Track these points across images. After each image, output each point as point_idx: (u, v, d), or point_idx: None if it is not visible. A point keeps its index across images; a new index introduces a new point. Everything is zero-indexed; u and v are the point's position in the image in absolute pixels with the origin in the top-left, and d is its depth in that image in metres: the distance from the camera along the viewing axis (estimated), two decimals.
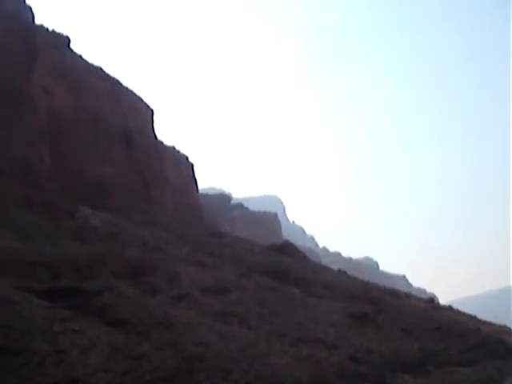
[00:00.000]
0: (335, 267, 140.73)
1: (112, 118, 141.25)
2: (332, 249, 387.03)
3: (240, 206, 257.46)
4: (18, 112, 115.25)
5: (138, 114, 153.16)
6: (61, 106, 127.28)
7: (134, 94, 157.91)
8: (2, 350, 41.10)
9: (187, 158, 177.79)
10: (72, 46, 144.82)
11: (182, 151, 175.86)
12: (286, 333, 50.91)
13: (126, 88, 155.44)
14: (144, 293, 63.94)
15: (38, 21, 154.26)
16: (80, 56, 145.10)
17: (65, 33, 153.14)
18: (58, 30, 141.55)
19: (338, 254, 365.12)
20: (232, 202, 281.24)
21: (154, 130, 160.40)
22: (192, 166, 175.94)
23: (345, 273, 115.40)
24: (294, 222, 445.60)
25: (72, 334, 44.08)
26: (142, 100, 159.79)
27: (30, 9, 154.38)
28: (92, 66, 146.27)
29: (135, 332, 50.66)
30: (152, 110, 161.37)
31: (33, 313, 47.73)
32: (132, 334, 49.79)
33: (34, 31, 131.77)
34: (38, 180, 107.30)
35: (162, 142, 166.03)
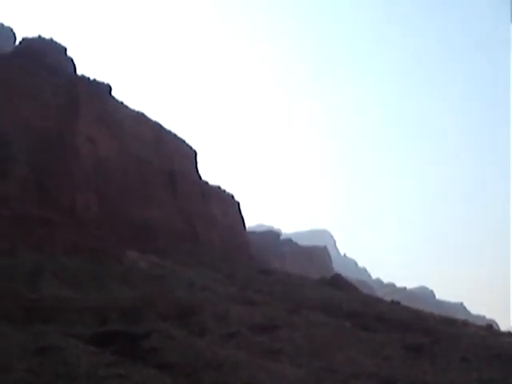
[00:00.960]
0: (389, 298, 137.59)
1: (156, 161, 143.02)
2: (386, 279, 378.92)
3: (289, 241, 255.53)
4: (64, 161, 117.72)
5: (182, 156, 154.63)
6: (105, 152, 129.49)
7: (177, 137, 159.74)
8: None
9: (233, 196, 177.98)
10: (113, 93, 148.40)
11: (228, 190, 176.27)
12: (337, 369, 49.22)
13: (169, 131, 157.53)
14: (192, 333, 63.24)
15: (79, 71, 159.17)
16: (121, 102, 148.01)
17: (106, 81, 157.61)
18: (99, 78, 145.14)
19: (392, 285, 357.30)
20: (281, 237, 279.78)
21: (198, 171, 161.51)
22: (238, 204, 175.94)
23: (398, 303, 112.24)
24: (345, 254, 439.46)
25: (117, 378, 43.51)
26: (185, 142, 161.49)
27: (72, 60, 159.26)
28: (134, 111, 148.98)
29: (183, 374, 49.80)
30: (195, 152, 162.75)
31: (79, 359, 47.47)
32: (180, 376, 48.96)
33: (76, 82, 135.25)
34: (85, 226, 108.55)
35: (206, 182, 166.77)
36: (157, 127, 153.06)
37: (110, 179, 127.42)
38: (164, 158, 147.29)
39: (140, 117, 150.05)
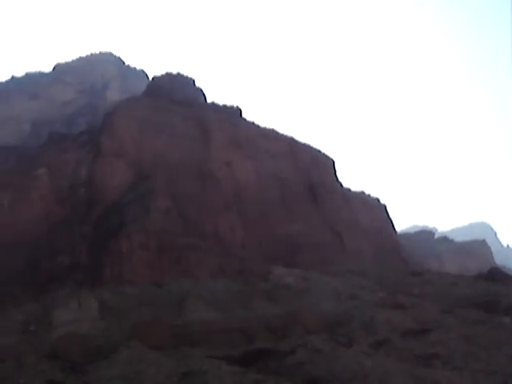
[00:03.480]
0: None
1: (293, 175, 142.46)
2: None
3: (444, 239, 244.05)
4: (203, 188, 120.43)
5: (319, 166, 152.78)
6: (242, 174, 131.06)
7: (312, 148, 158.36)
8: None
9: (378, 200, 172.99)
10: (244, 114, 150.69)
11: (373, 194, 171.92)
12: (496, 370, 44.54)
13: (303, 144, 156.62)
14: (339, 345, 60.77)
15: (210, 98, 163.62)
16: (252, 122, 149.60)
17: (235, 104, 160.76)
18: (229, 102, 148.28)
19: None
20: (437, 235, 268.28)
21: (337, 179, 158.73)
22: (385, 207, 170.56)
23: None
24: (508, 245, 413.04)
25: None
26: (320, 152, 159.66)
27: (200, 90, 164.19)
28: (265, 129, 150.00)
29: None
30: (332, 160, 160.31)
31: (221, 380, 46.86)
32: None
33: (205, 110, 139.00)
34: (230, 248, 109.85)
35: (349, 190, 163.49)
36: (290, 141, 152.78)
37: (250, 199, 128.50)
38: (301, 172, 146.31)
39: (272, 133, 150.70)
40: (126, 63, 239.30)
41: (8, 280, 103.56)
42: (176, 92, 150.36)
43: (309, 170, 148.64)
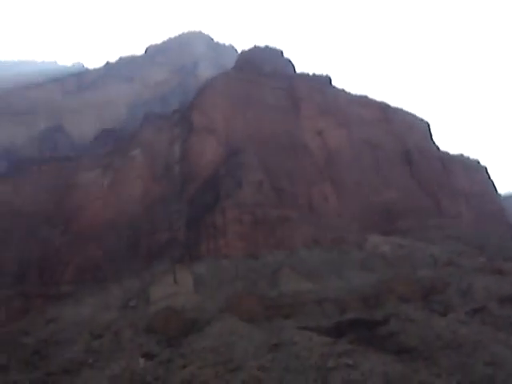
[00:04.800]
0: None
1: (387, 141, 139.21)
2: None
3: None
4: (296, 159, 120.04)
5: (414, 130, 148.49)
6: (334, 142, 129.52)
7: (406, 112, 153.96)
8: None
9: (479, 162, 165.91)
10: (334, 82, 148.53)
11: (472, 156, 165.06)
12: None
13: (396, 108, 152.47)
14: (433, 313, 59.35)
15: (299, 69, 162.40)
16: (343, 90, 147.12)
17: (325, 72, 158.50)
18: (318, 71, 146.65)
19: None
20: None
21: (434, 143, 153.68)
22: (485, 169, 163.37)
23: None
24: None
25: (345, 369, 42.08)
26: (415, 116, 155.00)
27: (289, 61, 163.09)
28: (356, 96, 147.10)
29: (422, 358, 46.60)
30: (428, 123, 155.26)
31: (310, 351, 47.00)
32: (418, 360, 45.89)
33: (294, 81, 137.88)
34: (324, 218, 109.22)
35: (447, 153, 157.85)
36: (383, 106, 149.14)
37: (344, 168, 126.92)
38: (395, 137, 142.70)
39: (364, 100, 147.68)
40: (216, 40, 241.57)
41: (111, 258, 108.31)
42: (265, 65, 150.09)
43: (403, 134, 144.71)
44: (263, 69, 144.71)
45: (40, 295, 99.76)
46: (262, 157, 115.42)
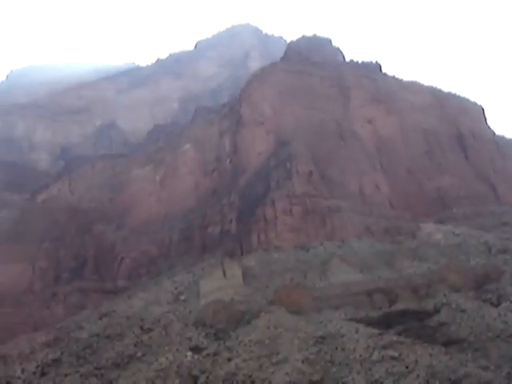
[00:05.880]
0: None
1: (440, 126, 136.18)
2: None
3: None
4: (345, 148, 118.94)
5: (467, 115, 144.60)
6: (385, 129, 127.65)
7: (458, 96, 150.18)
8: None
9: None
10: (384, 69, 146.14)
11: None
12: None
13: (448, 93, 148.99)
14: (486, 303, 58.15)
15: (348, 56, 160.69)
16: (393, 77, 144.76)
17: (375, 60, 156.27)
18: (368, 58, 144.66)
19: None
20: None
21: (489, 127, 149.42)
22: None
23: None
24: None
25: (389, 361, 41.80)
26: (468, 100, 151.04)
27: (338, 49, 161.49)
28: (407, 82, 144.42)
29: (471, 349, 45.95)
30: (482, 107, 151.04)
31: (356, 343, 46.87)
32: (467, 351, 45.23)
33: (343, 69, 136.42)
34: (376, 207, 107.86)
35: (503, 136, 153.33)
36: (435, 91, 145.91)
37: (395, 155, 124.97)
38: (448, 122, 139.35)
39: (415, 85, 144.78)
40: (264, 32, 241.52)
41: (165, 252, 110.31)
42: (313, 54, 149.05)
43: (456, 119, 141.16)
44: (311, 58, 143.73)
45: (97, 290, 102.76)
46: (312, 147, 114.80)
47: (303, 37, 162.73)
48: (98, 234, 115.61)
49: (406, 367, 39.56)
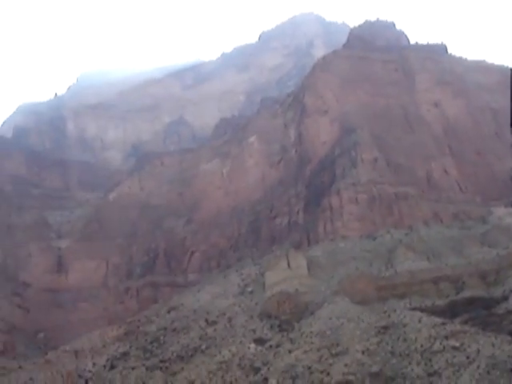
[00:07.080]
0: None
1: (509, 106, 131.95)
2: None
3: None
4: (412, 133, 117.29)
5: None
6: (452, 112, 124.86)
7: None
8: (377, 377, 41.19)
9: None
10: (451, 50, 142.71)
11: None
12: None
13: None
14: None
15: (414, 39, 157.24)
16: (460, 57, 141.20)
17: (441, 41, 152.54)
18: (434, 40, 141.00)
19: None
20: None
21: None
22: None
23: None
24: None
25: (450, 351, 41.69)
26: None
27: (402, 32, 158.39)
28: (474, 62, 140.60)
29: None
30: None
31: (418, 333, 46.87)
32: None
33: (406, 53, 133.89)
34: (445, 193, 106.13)
35: None
36: (503, 70, 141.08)
37: (464, 138, 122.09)
38: None
39: (482, 65, 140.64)
40: (328, 19, 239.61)
41: (234, 245, 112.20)
42: (377, 38, 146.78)
43: None
44: (374, 43, 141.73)
45: (168, 284, 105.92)
46: (377, 133, 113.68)
47: (366, 22, 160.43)
48: (168, 229, 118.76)
49: (467, 357, 39.33)
